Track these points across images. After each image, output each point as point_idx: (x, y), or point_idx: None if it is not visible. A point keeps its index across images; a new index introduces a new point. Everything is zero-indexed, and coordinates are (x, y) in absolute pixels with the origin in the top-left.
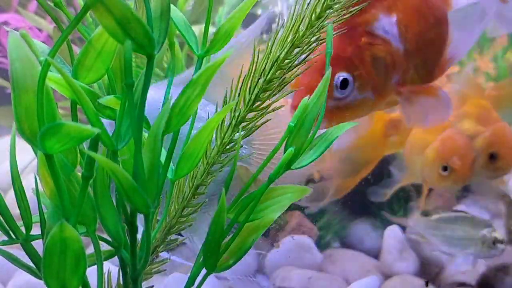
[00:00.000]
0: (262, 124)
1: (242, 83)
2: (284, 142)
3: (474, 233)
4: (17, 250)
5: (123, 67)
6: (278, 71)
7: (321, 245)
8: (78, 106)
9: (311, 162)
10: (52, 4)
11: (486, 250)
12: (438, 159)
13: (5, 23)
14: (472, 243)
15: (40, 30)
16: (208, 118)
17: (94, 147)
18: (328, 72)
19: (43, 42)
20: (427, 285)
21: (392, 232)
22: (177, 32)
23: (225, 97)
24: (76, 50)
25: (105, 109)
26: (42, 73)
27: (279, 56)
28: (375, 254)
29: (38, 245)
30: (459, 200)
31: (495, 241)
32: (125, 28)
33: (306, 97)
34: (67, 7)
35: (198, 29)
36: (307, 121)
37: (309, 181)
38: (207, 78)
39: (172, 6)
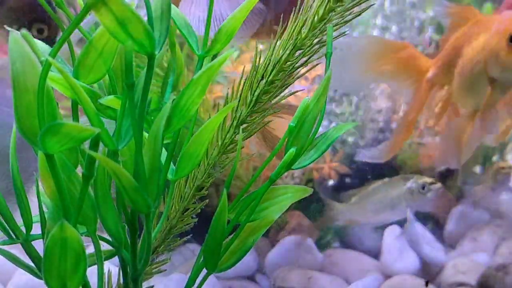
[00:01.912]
0: (263, 126)
1: (244, 84)
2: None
3: (399, 191)
4: (17, 250)
5: (124, 67)
6: (280, 73)
7: (321, 245)
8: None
9: (311, 162)
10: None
11: (420, 197)
12: (504, 34)
13: None
14: (401, 199)
15: None
16: None
17: (94, 147)
18: (329, 72)
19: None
20: (427, 285)
21: (392, 232)
22: (177, 31)
23: (226, 97)
24: (76, 50)
25: (106, 109)
26: (43, 73)
27: (281, 58)
28: (375, 254)
29: (38, 245)
30: (459, 200)
31: (425, 185)
32: (126, 28)
33: (307, 97)
34: (67, 7)
35: None
36: (307, 122)
37: (309, 180)
38: (208, 78)
39: (172, 5)
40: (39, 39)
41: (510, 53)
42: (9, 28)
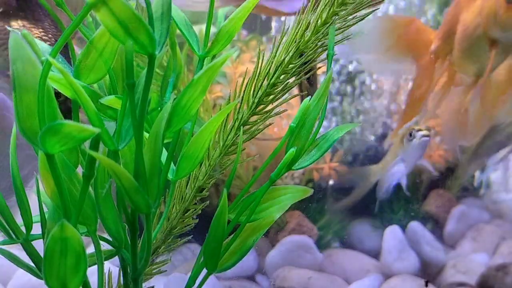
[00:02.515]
0: (264, 128)
1: (246, 86)
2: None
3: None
4: (17, 250)
5: (124, 67)
6: (282, 75)
7: (321, 245)
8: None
9: (312, 162)
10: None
11: (408, 145)
12: None
13: None
14: (398, 149)
15: None
16: None
17: (95, 147)
18: (330, 72)
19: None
20: (427, 285)
21: (392, 232)
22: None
23: (229, 98)
24: (77, 50)
25: (106, 109)
26: (43, 73)
27: (283, 60)
28: (375, 254)
29: (39, 245)
30: (459, 200)
31: (412, 132)
32: (127, 28)
33: (308, 98)
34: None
35: (197, 29)
36: (308, 122)
37: (309, 181)
38: (209, 79)
39: (173, 5)
40: None
41: (509, 11)
42: (9, 28)
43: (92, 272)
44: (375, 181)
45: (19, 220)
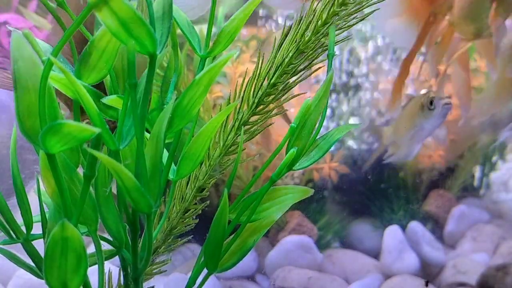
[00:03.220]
0: (265, 128)
1: (246, 86)
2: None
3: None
4: (17, 250)
5: (126, 67)
6: (283, 76)
7: (321, 245)
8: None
9: (313, 163)
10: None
11: (429, 114)
12: None
13: (5, 23)
14: (415, 117)
15: (39, 29)
16: None
17: (96, 146)
18: (331, 73)
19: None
20: (427, 285)
21: (392, 232)
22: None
23: (229, 99)
24: None
25: (107, 109)
26: (44, 73)
27: (283, 60)
28: (375, 254)
29: (39, 245)
30: (459, 200)
31: (432, 100)
32: (128, 28)
33: (309, 98)
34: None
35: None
36: (309, 122)
37: (309, 181)
38: (210, 79)
39: (174, 6)
40: None
41: None
42: (11, 28)
43: (92, 272)
44: (387, 143)
45: (19, 220)
